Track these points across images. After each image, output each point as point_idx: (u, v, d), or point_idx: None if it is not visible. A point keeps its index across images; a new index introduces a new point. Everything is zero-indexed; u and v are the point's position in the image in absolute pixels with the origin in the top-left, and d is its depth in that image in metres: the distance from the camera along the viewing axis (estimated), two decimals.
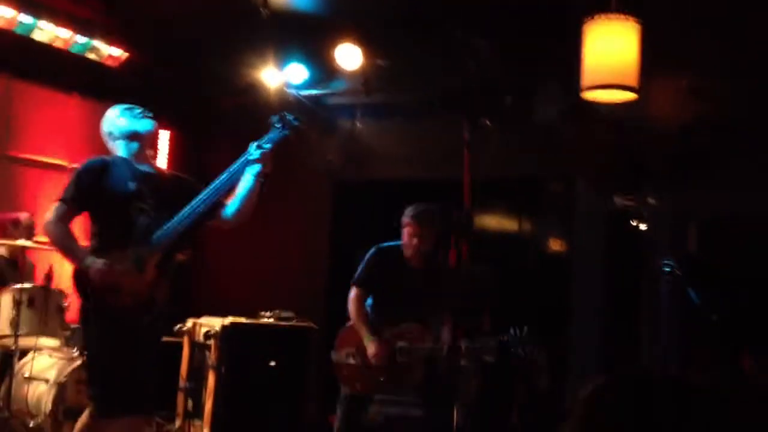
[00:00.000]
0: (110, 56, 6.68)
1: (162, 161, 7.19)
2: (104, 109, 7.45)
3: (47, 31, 6.22)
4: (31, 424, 4.52)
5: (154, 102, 7.01)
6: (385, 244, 4.65)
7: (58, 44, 6.33)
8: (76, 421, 4.61)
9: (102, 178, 3.61)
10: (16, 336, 4.54)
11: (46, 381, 4.62)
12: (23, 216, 5.48)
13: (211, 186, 3.63)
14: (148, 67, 6.81)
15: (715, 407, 0.98)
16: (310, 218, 6.95)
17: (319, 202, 6.96)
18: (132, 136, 3.74)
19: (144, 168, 3.71)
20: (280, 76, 6.60)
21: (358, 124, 6.78)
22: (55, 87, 6.65)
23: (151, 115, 3.83)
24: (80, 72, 6.59)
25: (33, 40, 6.17)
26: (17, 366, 4.70)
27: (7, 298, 4.75)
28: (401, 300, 4.46)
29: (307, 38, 6.41)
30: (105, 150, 7.22)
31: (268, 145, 3.67)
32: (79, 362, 4.68)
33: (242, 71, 6.62)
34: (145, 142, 3.76)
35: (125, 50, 6.70)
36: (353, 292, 4.57)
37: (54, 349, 4.92)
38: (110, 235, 3.57)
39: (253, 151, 3.66)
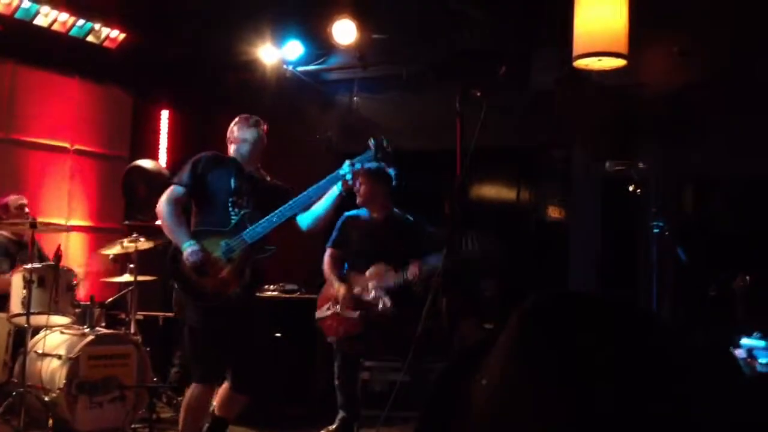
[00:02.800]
0: (109, 38, 6.75)
1: (162, 140, 7.29)
2: (105, 91, 7.57)
3: (47, 16, 6.30)
4: (46, 399, 4.65)
5: (152, 81, 7.17)
6: (352, 212, 5.07)
7: (57, 28, 6.41)
8: (89, 394, 4.78)
9: (213, 170, 3.98)
10: (28, 314, 4.66)
11: (59, 357, 4.75)
12: (11, 199, 5.57)
13: (302, 195, 3.93)
14: (146, 47, 6.88)
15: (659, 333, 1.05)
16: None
17: (321, 177, 7.05)
18: (242, 142, 4.07)
19: (249, 170, 4.06)
20: (278, 54, 6.67)
21: (356, 98, 6.85)
22: (56, 70, 6.74)
23: (261, 124, 4.14)
24: (80, 55, 6.68)
25: (34, 25, 6.25)
26: (30, 343, 4.82)
27: (18, 278, 4.88)
28: (368, 252, 4.90)
29: (303, 15, 6.48)
30: (106, 131, 7.32)
31: (358, 165, 3.96)
32: (90, 338, 4.82)
33: (240, 49, 6.68)
34: (252, 147, 4.08)
35: (123, 31, 6.78)
36: (327, 253, 5.05)
37: (65, 326, 5.04)
38: (208, 223, 3.93)
39: (346, 168, 3.92)
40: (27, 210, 5.50)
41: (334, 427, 4.96)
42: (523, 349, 0.98)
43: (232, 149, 4.11)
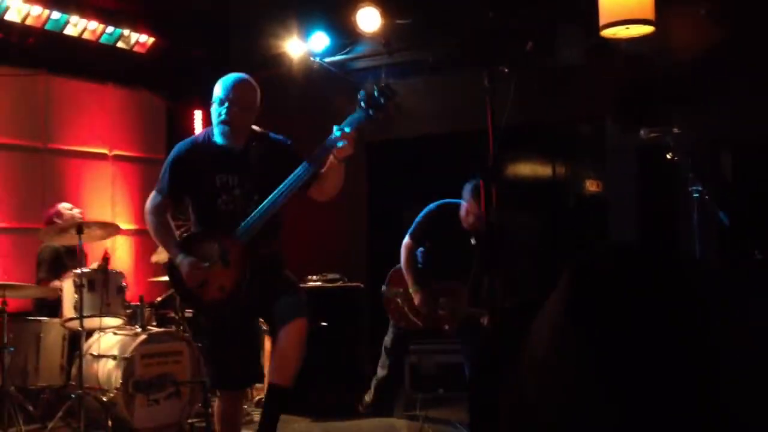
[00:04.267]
0: (138, 43, 6.86)
1: None
2: (138, 95, 7.69)
3: (77, 26, 6.42)
4: (104, 399, 4.77)
5: (184, 83, 7.26)
6: (446, 201, 4.98)
7: (87, 36, 6.53)
8: (145, 392, 4.90)
9: (192, 164, 3.54)
10: (81, 318, 4.78)
11: (114, 357, 4.88)
12: (63, 207, 5.72)
13: (292, 176, 3.43)
14: (175, 49, 6.98)
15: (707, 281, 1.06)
16: (346, 181, 7.09)
17: (354, 165, 7.07)
18: (216, 111, 3.51)
19: (238, 146, 3.53)
20: (304, 46, 6.72)
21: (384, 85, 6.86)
22: (89, 78, 6.87)
23: (240, 79, 3.56)
24: (112, 61, 6.81)
25: (64, 35, 6.38)
26: (85, 346, 4.95)
27: (69, 284, 5.01)
28: (451, 257, 4.87)
29: (327, 6, 6.51)
30: (142, 135, 7.41)
31: (347, 129, 3.41)
32: (143, 337, 4.93)
33: (267, 44, 6.74)
34: (229, 114, 3.47)
35: (151, 35, 6.88)
36: (406, 241, 4.97)
37: (118, 327, 5.17)
38: (201, 224, 3.60)
39: (335, 133, 3.43)
40: (79, 214, 5.66)
41: (370, 398, 5.17)
42: (573, 307, 1.01)
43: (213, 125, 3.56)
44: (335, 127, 3.44)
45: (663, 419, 0.96)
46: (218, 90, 3.53)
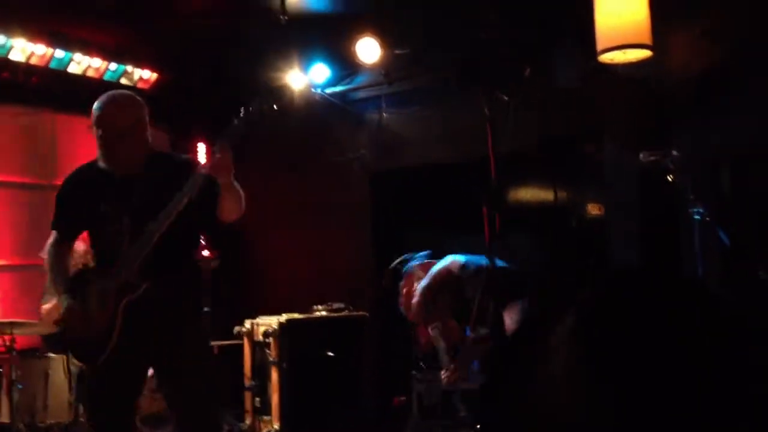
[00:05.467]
0: (141, 79, 6.94)
1: None
2: None
3: (80, 63, 6.50)
4: None
5: (186, 116, 7.32)
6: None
7: (91, 74, 6.61)
8: (153, 427, 4.90)
9: (78, 197, 3.27)
10: None
11: None
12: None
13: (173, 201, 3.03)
14: (177, 84, 7.06)
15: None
16: (351, 211, 7.12)
17: (358, 195, 7.12)
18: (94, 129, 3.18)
19: (121, 174, 3.19)
20: (305, 78, 6.79)
21: (385, 114, 6.93)
22: None
23: (100, 105, 3.25)
24: None
25: (68, 73, 6.46)
26: None
27: None
28: None
29: (327, 38, 6.59)
30: None
31: (216, 152, 3.11)
32: (151, 372, 4.93)
33: (269, 76, 6.81)
34: (100, 141, 3.19)
35: (154, 71, 6.96)
36: None
37: None
38: (98, 260, 3.25)
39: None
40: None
41: None
42: (580, 337, 1.02)
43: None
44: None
45: None
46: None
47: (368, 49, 6.31)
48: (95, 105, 3.23)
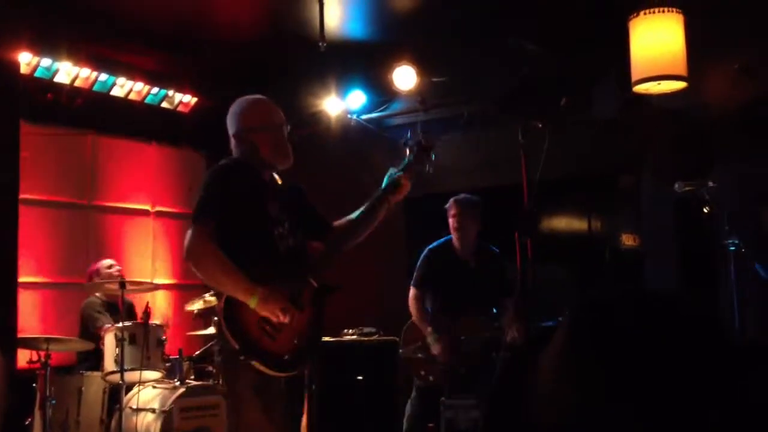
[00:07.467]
0: (182, 103, 7.08)
1: None
2: (180, 153, 7.89)
3: (123, 87, 6.66)
4: None
5: (224, 141, 7.43)
6: (435, 243, 5.14)
7: (133, 97, 6.77)
8: None
9: (241, 192, 3.09)
10: (122, 372, 4.86)
11: (153, 411, 4.93)
12: (102, 264, 5.87)
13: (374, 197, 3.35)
14: (217, 108, 7.17)
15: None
16: (385, 236, 7.14)
17: (393, 220, 7.15)
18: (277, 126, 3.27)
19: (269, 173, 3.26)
20: (341, 104, 6.88)
21: None
22: (133, 137, 7.08)
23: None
24: (156, 121, 7.03)
25: (111, 96, 6.62)
26: (125, 399, 5.02)
27: (110, 337, 5.10)
28: (456, 292, 4.89)
29: (364, 64, 6.68)
30: (184, 191, 7.55)
31: (399, 172, 3.33)
32: (181, 390, 4.99)
33: (306, 102, 6.91)
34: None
35: (194, 96, 7.10)
36: (411, 293, 5.07)
37: (157, 380, 5.24)
38: (249, 264, 2.98)
39: (395, 174, 3.35)
40: (117, 272, 5.78)
41: None
42: (571, 349, 1.02)
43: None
44: (392, 170, 3.37)
45: None
46: (262, 110, 3.30)
47: (405, 77, 6.38)
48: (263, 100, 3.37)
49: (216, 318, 3.12)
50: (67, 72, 6.31)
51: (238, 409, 2.98)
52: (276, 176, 3.28)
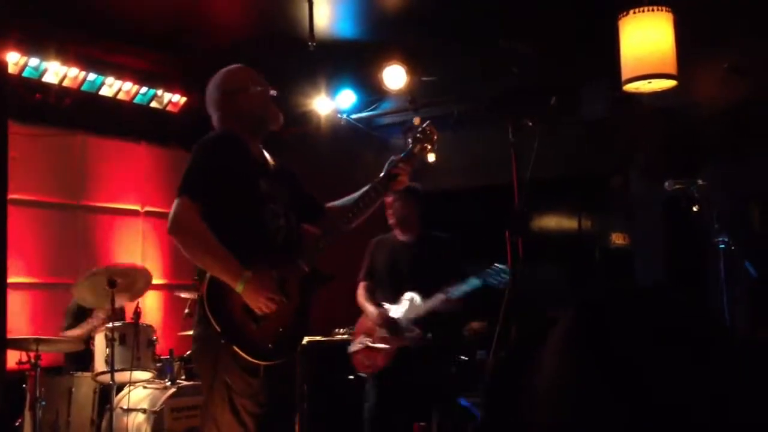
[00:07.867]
0: (171, 102, 7.06)
1: None
2: (169, 153, 7.86)
3: (112, 86, 6.63)
4: None
5: None
6: (379, 236, 5.00)
7: (122, 97, 6.74)
8: None
9: (229, 165, 2.92)
10: (112, 372, 4.84)
11: (143, 411, 4.92)
12: None
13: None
14: (206, 108, 7.15)
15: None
16: (374, 236, 7.15)
17: (383, 220, 7.15)
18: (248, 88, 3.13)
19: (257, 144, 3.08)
20: (331, 103, 6.87)
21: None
22: (123, 137, 7.06)
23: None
24: (145, 121, 6.99)
25: (100, 96, 6.58)
26: (115, 399, 4.99)
27: (101, 338, 5.08)
28: (398, 276, 4.74)
29: (354, 64, 6.67)
30: (173, 191, 7.56)
31: (401, 161, 3.26)
32: (172, 391, 4.97)
33: (296, 102, 6.90)
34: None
35: (183, 95, 7.07)
36: (359, 287, 4.92)
37: (147, 381, 5.22)
38: (237, 245, 2.77)
39: (387, 164, 3.28)
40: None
41: None
42: (571, 348, 1.02)
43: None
44: (393, 157, 3.28)
45: None
46: (241, 72, 3.17)
47: (394, 76, 6.38)
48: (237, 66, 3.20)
49: (196, 297, 2.92)
50: (56, 72, 6.28)
51: (210, 403, 2.78)
52: (267, 154, 3.10)
